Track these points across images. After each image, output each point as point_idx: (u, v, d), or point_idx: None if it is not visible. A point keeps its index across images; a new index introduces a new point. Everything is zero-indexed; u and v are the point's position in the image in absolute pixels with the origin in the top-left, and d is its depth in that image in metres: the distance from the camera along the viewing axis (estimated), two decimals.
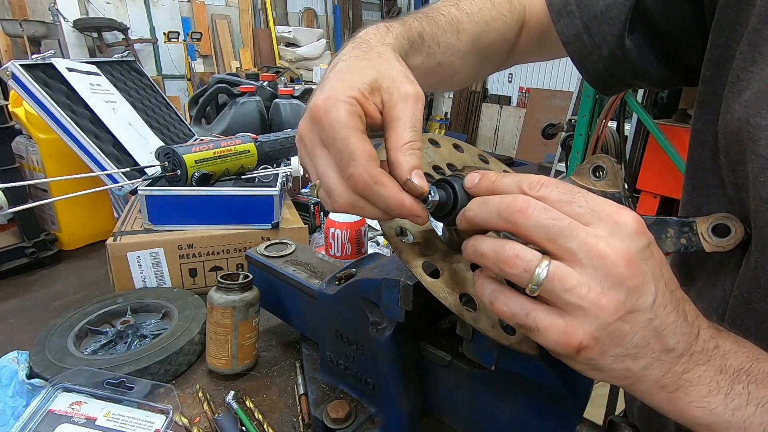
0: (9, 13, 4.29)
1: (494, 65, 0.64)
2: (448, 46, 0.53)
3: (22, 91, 0.88)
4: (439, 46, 0.52)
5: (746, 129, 0.39)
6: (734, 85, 0.42)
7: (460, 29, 0.54)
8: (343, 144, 0.34)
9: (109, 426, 0.53)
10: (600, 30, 0.54)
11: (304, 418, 0.57)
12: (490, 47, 0.59)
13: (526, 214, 0.29)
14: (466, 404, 0.46)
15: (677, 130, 2.21)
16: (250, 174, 0.95)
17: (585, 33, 0.55)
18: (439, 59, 0.52)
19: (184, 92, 5.40)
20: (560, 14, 0.57)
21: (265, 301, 0.68)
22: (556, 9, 0.57)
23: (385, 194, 0.34)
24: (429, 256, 0.38)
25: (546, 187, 0.30)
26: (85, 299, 0.79)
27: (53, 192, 0.97)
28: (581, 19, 0.55)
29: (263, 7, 5.77)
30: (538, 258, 0.29)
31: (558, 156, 4.01)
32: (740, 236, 0.41)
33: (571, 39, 0.56)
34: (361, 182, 0.34)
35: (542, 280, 0.28)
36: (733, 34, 0.43)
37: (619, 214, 0.28)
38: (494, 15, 0.58)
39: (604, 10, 0.53)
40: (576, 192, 0.30)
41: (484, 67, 0.62)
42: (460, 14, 0.55)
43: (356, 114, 0.35)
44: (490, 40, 0.58)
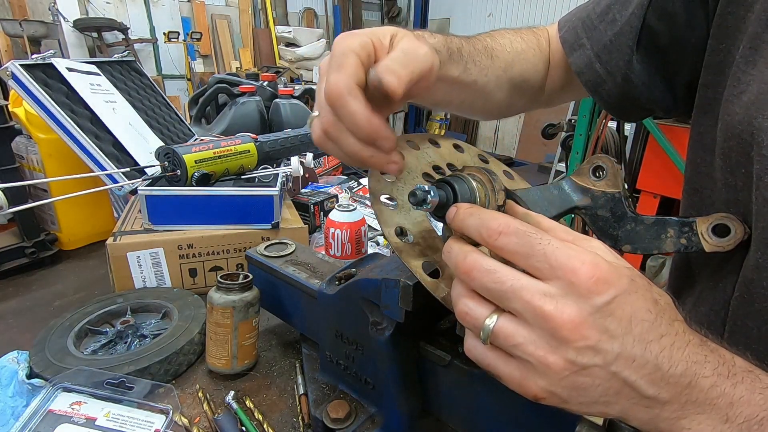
0: (9, 13, 4.28)
1: (526, 99, 0.65)
2: (484, 67, 0.55)
3: (22, 91, 0.88)
4: (475, 64, 0.53)
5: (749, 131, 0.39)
6: (734, 87, 0.42)
7: (494, 55, 0.57)
8: (340, 59, 0.36)
9: (109, 426, 0.53)
10: (611, 58, 0.55)
11: (304, 418, 0.57)
12: (522, 77, 0.61)
13: (470, 276, 0.30)
14: (466, 404, 0.46)
15: (677, 130, 2.21)
16: (250, 174, 0.95)
17: (597, 62, 0.57)
18: (474, 77, 0.54)
19: (184, 92, 5.40)
20: (573, 48, 0.59)
21: (265, 301, 0.68)
22: (570, 44, 0.60)
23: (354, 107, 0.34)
24: (429, 256, 0.38)
25: (504, 237, 0.30)
26: (85, 299, 0.79)
27: (53, 192, 0.97)
28: (592, 50, 0.57)
29: (263, 7, 5.76)
30: (487, 313, 0.30)
31: (558, 156, 4.00)
32: (740, 236, 0.41)
33: (584, 69, 0.58)
34: (336, 90, 0.34)
35: (488, 334, 0.30)
36: (733, 39, 0.44)
37: (578, 272, 0.27)
38: (524, 47, 0.61)
39: (612, 38, 0.55)
40: (536, 244, 0.29)
41: (516, 98, 0.63)
42: (494, 43, 0.58)
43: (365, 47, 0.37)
44: (521, 69, 0.60)
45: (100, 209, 1.07)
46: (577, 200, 0.44)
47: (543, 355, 0.28)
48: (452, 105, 0.57)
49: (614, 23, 0.55)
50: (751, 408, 0.28)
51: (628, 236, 0.43)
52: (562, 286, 0.28)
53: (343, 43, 0.37)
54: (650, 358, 0.28)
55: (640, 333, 0.28)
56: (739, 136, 0.41)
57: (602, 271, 0.27)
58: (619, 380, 0.28)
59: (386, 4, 6.74)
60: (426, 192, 0.34)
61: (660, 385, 0.28)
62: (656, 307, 0.29)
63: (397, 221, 0.40)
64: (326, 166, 1.61)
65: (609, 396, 0.28)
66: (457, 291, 0.32)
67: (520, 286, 0.28)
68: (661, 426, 0.29)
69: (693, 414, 0.29)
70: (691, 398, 0.28)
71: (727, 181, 0.44)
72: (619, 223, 0.43)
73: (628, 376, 0.28)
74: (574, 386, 0.28)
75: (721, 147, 0.43)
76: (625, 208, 0.43)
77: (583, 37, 0.58)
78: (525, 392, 0.30)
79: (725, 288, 0.46)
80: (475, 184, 0.37)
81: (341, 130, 0.36)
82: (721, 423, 0.28)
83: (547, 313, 0.27)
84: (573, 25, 0.60)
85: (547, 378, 0.28)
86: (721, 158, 0.44)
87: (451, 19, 6.43)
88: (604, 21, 0.56)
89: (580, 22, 0.59)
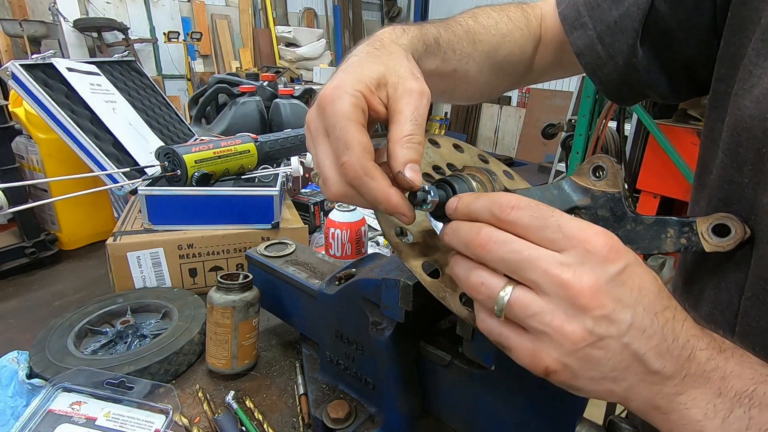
0: (9, 13, 4.29)
1: (511, 80, 0.63)
2: (464, 54, 0.53)
3: (22, 91, 0.88)
4: (455, 53, 0.52)
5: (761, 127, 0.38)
6: (745, 81, 0.41)
7: (476, 39, 0.55)
8: (342, 133, 0.35)
9: (109, 426, 0.53)
10: (614, 40, 0.54)
11: (304, 418, 0.57)
12: (507, 60, 0.59)
13: (486, 248, 0.30)
14: (466, 404, 0.46)
15: (677, 130, 2.21)
16: (250, 174, 0.95)
17: (599, 43, 0.55)
18: (454, 66, 0.52)
19: (184, 92, 5.40)
20: (573, 26, 0.57)
21: (265, 301, 0.68)
22: (570, 21, 0.57)
23: (373, 187, 0.34)
24: (429, 256, 0.38)
25: (517, 211, 0.30)
26: (85, 299, 0.79)
27: (53, 192, 0.97)
28: (594, 30, 0.55)
29: (263, 7, 5.77)
30: (501, 285, 0.30)
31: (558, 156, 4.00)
32: (740, 236, 0.41)
33: (585, 50, 0.56)
34: (352, 171, 0.34)
35: (504, 305, 0.29)
36: (747, 31, 0.43)
37: (591, 241, 0.28)
38: (510, 28, 0.59)
39: (617, 19, 0.53)
40: (549, 216, 0.29)
41: (501, 80, 0.61)
42: (477, 26, 0.56)
43: (359, 107, 0.36)
44: (506, 52, 0.58)
45: (100, 209, 1.07)
46: (577, 200, 0.44)
47: (560, 324, 0.28)
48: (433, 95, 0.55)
49: (620, 2, 0.53)
50: (742, 381, 0.29)
51: (628, 236, 0.43)
52: (578, 254, 0.28)
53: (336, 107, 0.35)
54: (657, 329, 0.28)
55: (648, 303, 0.28)
56: (749, 131, 0.40)
57: (613, 240, 0.28)
58: (630, 353, 0.28)
59: (386, 4, 6.75)
60: (426, 192, 0.34)
61: (665, 357, 0.28)
62: (657, 281, 0.29)
63: (397, 221, 0.40)
64: None
65: (618, 371, 0.29)
66: (464, 266, 0.32)
67: (537, 256, 0.28)
68: (660, 403, 0.29)
69: (690, 389, 0.29)
70: (690, 371, 0.29)
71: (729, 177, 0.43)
72: (619, 223, 0.43)
73: (638, 348, 0.28)
74: (587, 358, 0.28)
75: (727, 142, 0.43)
76: (625, 208, 0.43)
77: (585, 15, 0.55)
78: (537, 364, 0.29)
79: (728, 288, 0.45)
80: (474, 184, 0.37)
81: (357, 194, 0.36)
82: (715, 397, 0.29)
83: (565, 281, 0.27)
84: (574, 0, 0.57)
85: (562, 348, 0.28)
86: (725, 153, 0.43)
87: None
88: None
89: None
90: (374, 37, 0.44)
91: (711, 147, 0.48)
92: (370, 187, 0.34)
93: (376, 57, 0.40)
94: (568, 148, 2.65)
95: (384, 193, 0.34)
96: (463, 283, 0.32)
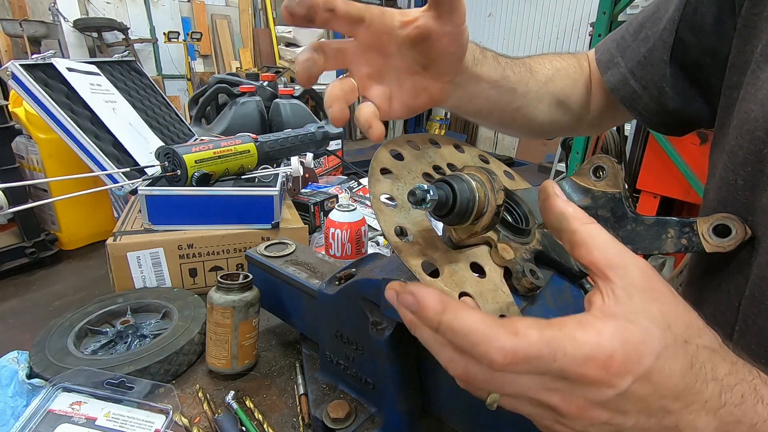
0: (9, 13, 4.29)
1: (570, 115, 0.65)
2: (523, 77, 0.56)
3: (22, 91, 0.88)
4: (513, 72, 0.54)
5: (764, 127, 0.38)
6: (752, 85, 0.42)
7: (532, 69, 0.58)
8: None
9: (109, 426, 0.53)
10: (645, 72, 0.56)
11: (304, 418, 0.57)
12: (563, 92, 0.61)
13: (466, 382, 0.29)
14: (466, 404, 0.46)
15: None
16: (250, 174, 0.95)
17: (631, 78, 0.57)
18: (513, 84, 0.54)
19: (184, 92, 5.40)
20: (607, 67, 0.60)
21: (265, 301, 0.68)
22: (604, 63, 0.61)
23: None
24: (429, 255, 0.38)
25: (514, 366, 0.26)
26: (85, 299, 0.79)
27: (53, 192, 0.97)
28: (626, 67, 0.58)
29: (263, 7, 5.77)
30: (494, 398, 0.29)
31: (558, 156, 4.01)
32: (741, 237, 0.41)
33: (618, 85, 0.59)
34: None
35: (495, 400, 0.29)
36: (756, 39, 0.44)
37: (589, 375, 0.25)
38: (564, 65, 0.63)
39: (646, 54, 0.56)
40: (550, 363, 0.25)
41: (560, 114, 0.63)
42: (532, 61, 0.59)
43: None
44: (562, 85, 0.61)
45: (100, 209, 1.07)
46: (578, 200, 0.44)
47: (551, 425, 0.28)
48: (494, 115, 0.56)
49: (647, 40, 0.56)
50: None
51: (629, 236, 0.43)
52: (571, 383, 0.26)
53: None
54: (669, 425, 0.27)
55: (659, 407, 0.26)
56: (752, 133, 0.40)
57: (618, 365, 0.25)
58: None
59: (386, 5, 6.75)
60: (425, 191, 0.34)
61: None
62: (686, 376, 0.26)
63: (397, 221, 0.40)
64: (326, 166, 1.61)
65: None
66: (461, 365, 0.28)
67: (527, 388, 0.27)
68: None
69: None
70: None
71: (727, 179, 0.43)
72: (620, 224, 0.43)
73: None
74: None
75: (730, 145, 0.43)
76: (626, 209, 0.43)
77: (617, 56, 0.59)
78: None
79: (729, 289, 0.45)
80: (474, 183, 0.37)
81: None
82: None
83: (552, 405, 0.27)
84: (607, 46, 0.61)
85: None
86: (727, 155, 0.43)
87: None
88: (637, 39, 0.57)
89: (614, 44, 0.60)
90: None
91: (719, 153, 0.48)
92: None
93: None
94: (568, 148, 2.65)
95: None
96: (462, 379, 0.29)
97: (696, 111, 0.56)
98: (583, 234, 0.28)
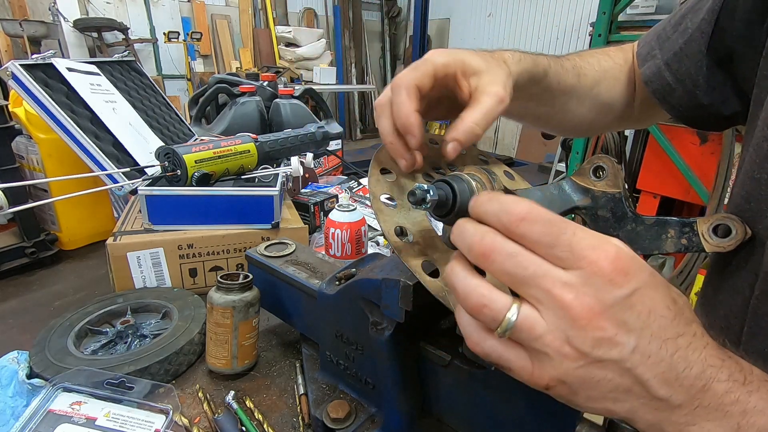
0: (9, 13, 4.28)
1: (613, 115, 0.66)
2: (568, 87, 0.57)
3: (22, 91, 0.88)
4: (559, 84, 0.56)
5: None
6: None
7: (581, 74, 0.59)
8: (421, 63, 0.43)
9: (109, 426, 0.53)
10: (680, 66, 0.56)
11: (304, 418, 0.57)
12: (607, 94, 0.62)
13: (489, 259, 0.28)
14: (466, 404, 0.46)
15: (677, 130, 2.21)
16: (250, 174, 0.95)
17: (666, 70, 0.57)
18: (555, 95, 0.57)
19: (184, 92, 5.40)
20: (645, 59, 0.60)
21: (265, 301, 0.68)
22: (642, 56, 0.61)
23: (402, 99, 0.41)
24: (428, 255, 0.38)
25: (527, 224, 0.28)
26: (85, 299, 0.79)
27: (53, 192, 0.97)
28: (662, 59, 0.58)
29: (263, 7, 5.76)
30: (507, 305, 0.28)
31: (558, 156, 4.01)
32: (741, 237, 0.41)
33: (653, 77, 0.59)
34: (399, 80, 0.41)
35: (510, 327, 0.28)
36: None
37: (601, 262, 0.26)
38: (611, 65, 0.63)
39: (683, 46, 0.55)
40: (561, 233, 0.27)
41: (602, 116, 0.64)
42: (582, 62, 0.60)
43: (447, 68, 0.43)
44: (607, 87, 0.62)
45: (100, 209, 1.07)
46: (578, 200, 0.44)
47: (560, 345, 0.27)
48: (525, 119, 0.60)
49: (685, 32, 0.55)
50: (766, 418, 0.27)
51: (629, 236, 0.43)
52: (584, 275, 0.27)
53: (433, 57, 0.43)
54: (665, 356, 0.27)
55: (657, 329, 0.27)
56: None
57: (624, 262, 0.27)
58: (632, 377, 0.27)
59: (386, 4, 6.74)
60: (425, 191, 0.34)
61: (673, 385, 0.27)
62: (675, 306, 0.28)
63: (397, 221, 0.40)
64: (326, 166, 1.61)
65: (618, 393, 0.28)
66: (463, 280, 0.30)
67: (543, 273, 0.27)
68: (669, 430, 0.28)
69: (703, 421, 0.28)
70: (703, 403, 0.27)
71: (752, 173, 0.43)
72: (620, 224, 0.43)
73: (641, 373, 0.27)
74: (585, 378, 0.28)
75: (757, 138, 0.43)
76: (626, 209, 0.43)
77: (656, 48, 0.59)
78: (537, 382, 0.29)
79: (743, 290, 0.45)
80: (474, 183, 0.37)
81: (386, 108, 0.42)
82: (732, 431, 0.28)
83: (566, 302, 0.27)
84: (648, 39, 0.61)
85: (562, 368, 0.28)
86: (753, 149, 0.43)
87: (451, 19, 6.42)
88: (677, 31, 0.57)
89: (655, 36, 0.60)
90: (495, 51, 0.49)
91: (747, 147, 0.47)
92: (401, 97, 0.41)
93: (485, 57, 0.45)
94: (568, 148, 2.65)
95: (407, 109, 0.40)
96: (462, 300, 0.30)
97: (731, 106, 0.55)
98: None
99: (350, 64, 6.53)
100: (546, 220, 0.27)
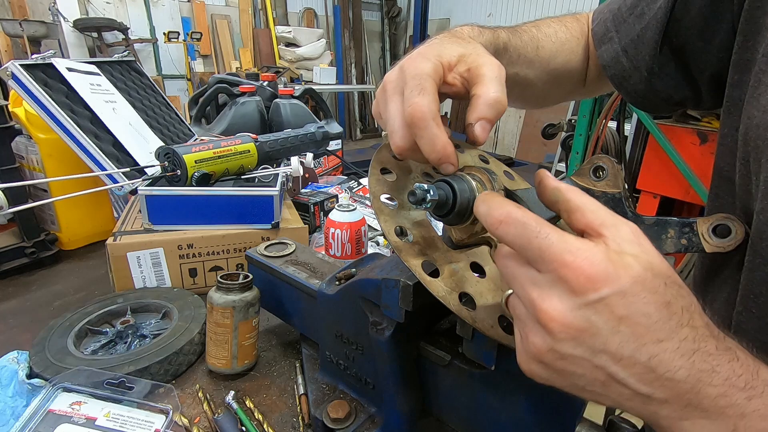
0: (9, 13, 4.28)
1: (565, 89, 0.66)
2: (527, 60, 0.57)
3: (22, 91, 0.88)
4: (519, 57, 0.56)
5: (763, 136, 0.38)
6: (755, 89, 0.41)
7: (539, 46, 0.58)
8: (420, 81, 0.38)
9: (109, 426, 0.53)
10: (637, 52, 0.56)
11: (304, 418, 0.57)
12: (564, 67, 0.62)
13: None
14: (466, 404, 0.46)
15: (677, 130, 2.21)
16: (250, 174, 0.95)
17: (624, 56, 0.57)
18: (516, 69, 0.56)
19: (184, 92, 5.40)
20: (602, 41, 0.60)
21: (265, 301, 0.68)
22: (599, 37, 0.60)
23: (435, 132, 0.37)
24: (428, 255, 0.38)
25: (504, 227, 0.30)
26: (85, 299, 0.79)
27: (53, 192, 0.97)
28: (620, 44, 0.57)
29: (263, 7, 5.76)
30: None
31: (558, 156, 4.01)
32: (741, 237, 0.41)
33: (610, 62, 0.59)
34: (419, 113, 0.37)
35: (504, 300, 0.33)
36: (759, 37, 0.43)
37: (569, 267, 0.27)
38: (568, 37, 0.62)
39: (639, 32, 0.55)
40: (533, 237, 0.29)
41: (555, 88, 0.64)
42: (540, 34, 0.59)
43: (438, 71, 0.39)
44: (564, 60, 0.62)
45: (100, 209, 1.07)
46: None
47: (527, 334, 0.30)
48: None
49: (642, 17, 0.55)
50: (765, 423, 0.27)
51: None
52: (551, 278, 0.28)
53: (418, 67, 0.39)
54: (642, 359, 0.27)
55: (631, 334, 0.27)
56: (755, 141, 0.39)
57: (596, 269, 0.27)
58: (605, 374, 0.28)
59: (386, 4, 6.74)
60: (425, 191, 0.34)
61: (654, 385, 0.27)
62: (662, 311, 0.27)
63: (397, 221, 0.40)
64: (326, 166, 1.61)
65: (597, 386, 0.29)
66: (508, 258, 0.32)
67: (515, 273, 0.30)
68: (662, 423, 0.29)
69: (696, 418, 0.28)
70: (694, 402, 0.27)
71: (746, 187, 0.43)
72: None
73: (615, 372, 0.28)
74: (558, 370, 0.29)
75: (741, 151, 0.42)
76: (626, 209, 0.43)
77: (612, 30, 0.58)
78: (520, 363, 0.32)
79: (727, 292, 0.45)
80: (474, 183, 0.37)
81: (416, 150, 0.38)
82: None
83: (533, 299, 0.29)
84: (604, 17, 0.60)
85: (530, 354, 0.30)
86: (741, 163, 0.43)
87: (451, 19, 6.43)
88: (633, 14, 0.56)
89: (611, 15, 0.59)
90: (453, 30, 0.47)
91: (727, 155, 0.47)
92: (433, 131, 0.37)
93: (456, 41, 0.44)
94: (568, 148, 2.65)
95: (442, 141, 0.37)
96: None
97: (683, 93, 0.56)
98: (576, 201, 0.31)
99: (350, 64, 6.52)
100: (521, 224, 0.29)
